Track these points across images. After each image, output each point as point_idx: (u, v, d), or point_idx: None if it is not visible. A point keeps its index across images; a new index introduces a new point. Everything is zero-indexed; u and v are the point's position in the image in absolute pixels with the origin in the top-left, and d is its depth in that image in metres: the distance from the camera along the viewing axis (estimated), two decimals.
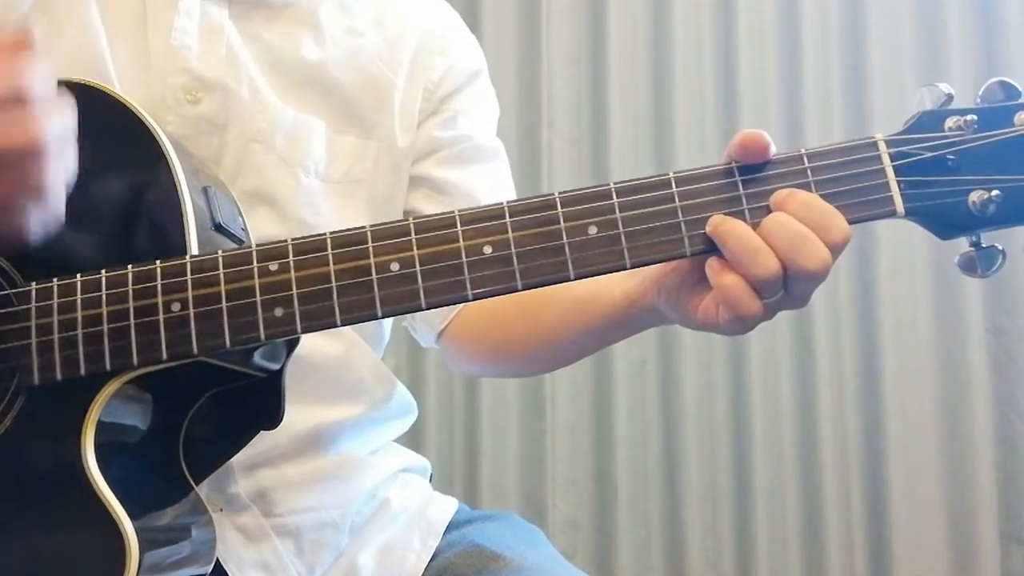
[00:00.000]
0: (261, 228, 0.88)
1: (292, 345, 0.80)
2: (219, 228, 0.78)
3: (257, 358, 0.78)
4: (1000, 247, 0.71)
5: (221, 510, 0.90)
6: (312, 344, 0.93)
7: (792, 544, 2.18)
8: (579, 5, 2.29)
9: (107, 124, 0.78)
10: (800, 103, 2.22)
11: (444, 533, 1.00)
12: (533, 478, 2.21)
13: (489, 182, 1.05)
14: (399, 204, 1.02)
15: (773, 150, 0.71)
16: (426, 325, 1.04)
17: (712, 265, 0.71)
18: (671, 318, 0.79)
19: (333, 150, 0.96)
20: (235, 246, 0.77)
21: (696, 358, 2.21)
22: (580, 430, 2.23)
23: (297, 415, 0.92)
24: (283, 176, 0.93)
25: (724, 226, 0.70)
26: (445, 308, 1.01)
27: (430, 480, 1.10)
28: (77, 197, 0.77)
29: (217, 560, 0.87)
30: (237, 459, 0.90)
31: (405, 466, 1.06)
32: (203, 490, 0.87)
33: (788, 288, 0.70)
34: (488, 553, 0.94)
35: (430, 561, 0.97)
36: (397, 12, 1.04)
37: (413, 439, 1.12)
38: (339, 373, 0.97)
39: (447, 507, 1.03)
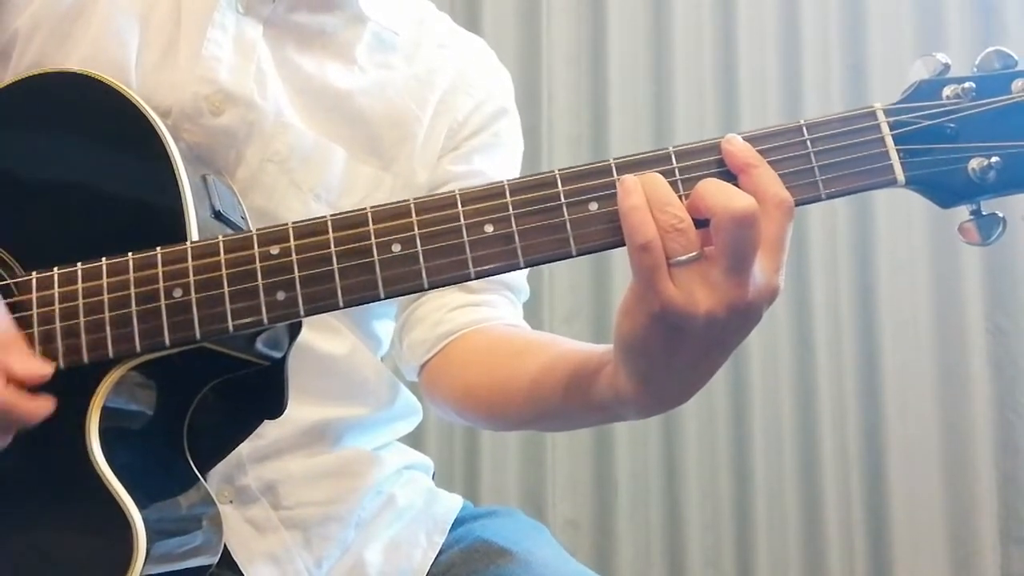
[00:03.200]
0: None
1: (295, 333, 0.80)
2: (218, 216, 0.79)
3: (260, 345, 0.77)
4: (1001, 215, 0.71)
5: (231, 502, 0.91)
6: (318, 344, 0.94)
7: (792, 544, 2.18)
8: (579, 5, 2.29)
9: (105, 114, 0.79)
10: (800, 103, 2.22)
11: (449, 530, 1.00)
12: (533, 478, 2.20)
13: None
14: None
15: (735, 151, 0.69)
16: (411, 356, 1.02)
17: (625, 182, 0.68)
18: (622, 375, 0.73)
19: (350, 179, 0.96)
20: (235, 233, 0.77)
21: None
22: (580, 430, 2.22)
23: (305, 411, 0.92)
24: (292, 200, 0.92)
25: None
26: (427, 344, 0.99)
27: (432, 478, 1.10)
28: (76, 186, 0.77)
29: (227, 552, 0.87)
30: (247, 452, 0.90)
31: (409, 463, 1.06)
32: (213, 482, 0.87)
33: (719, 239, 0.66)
34: (494, 549, 0.94)
35: (436, 557, 0.97)
36: (431, 48, 1.04)
37: (414, 439, 1.11)
38: (345, 374, 0.98)
39: (452, 504, 1.04)
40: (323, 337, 0.95)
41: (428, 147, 1.00)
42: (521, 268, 0.71)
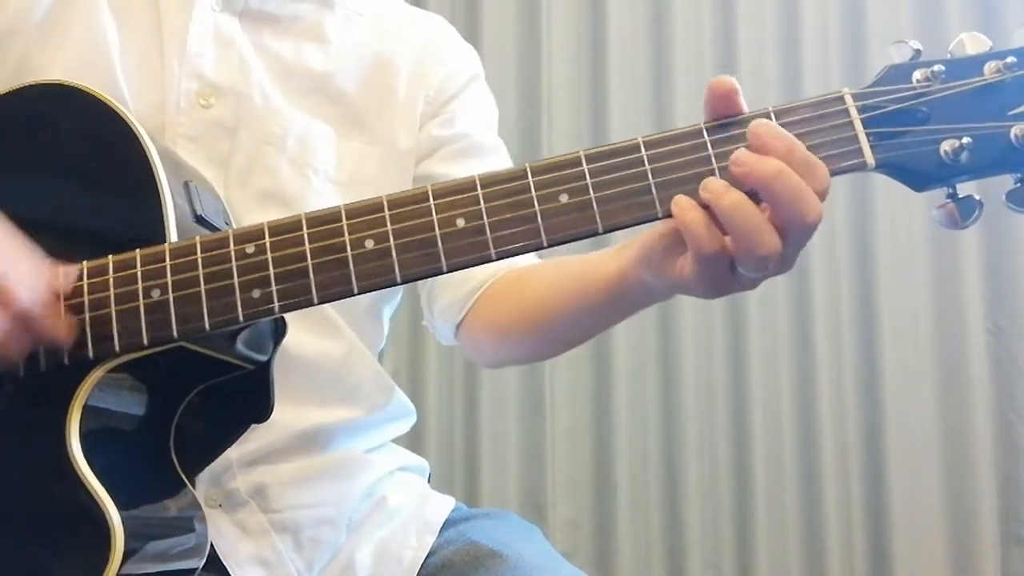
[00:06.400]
0: None
1: (279, 336, 0.81)
2: (201, 220, 0.79)
3: (242, 346, 0.78)
4: (977, 197, 0.70)
5: (220, 506, 0.91)
6: (312, 344, 0.94)
7: (792, 544, 2.18)
8: (579, 5, 2.30)
9: (88, 122, 0.80)
10: None
11: (441, 531, 1.00)
12: (533, 478, 2.21)
13: None
14: None
15: (741, 103, 0.72)
16: (444, 323, 1.06)
17: (679, 203, 0.69)
18: (655, 287, 0.78)
19: (340, 155, 0.99)
20: None
21: (696, 358, 2.21)
22: (580, 430, 2.22)
23: (294, 415, 0.92)
24: (295, 177, 0.96)
25: (711, 186, 0.68)
26: (457, 304, 1.03)
27: (428, 481, 1.10)
28: (58, 192, 0.78)
29: (216, 556, 0.87)
30: (235, 456, 0.90)
31: (403, 465, 1.06)
32: (201, 486, 0.88)
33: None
34: (485, 550, 0.94)
35: (427, 558, 0.97)
36: (397, 25, 1.09)
37: (413, 440, 1.12)
38: (338, 376, 0.98)
39: (444, 505, 1.03)
40: (320, 337, 0.95)
41: (407, 113, 1.04)
42: (493, 260, 0.71)
